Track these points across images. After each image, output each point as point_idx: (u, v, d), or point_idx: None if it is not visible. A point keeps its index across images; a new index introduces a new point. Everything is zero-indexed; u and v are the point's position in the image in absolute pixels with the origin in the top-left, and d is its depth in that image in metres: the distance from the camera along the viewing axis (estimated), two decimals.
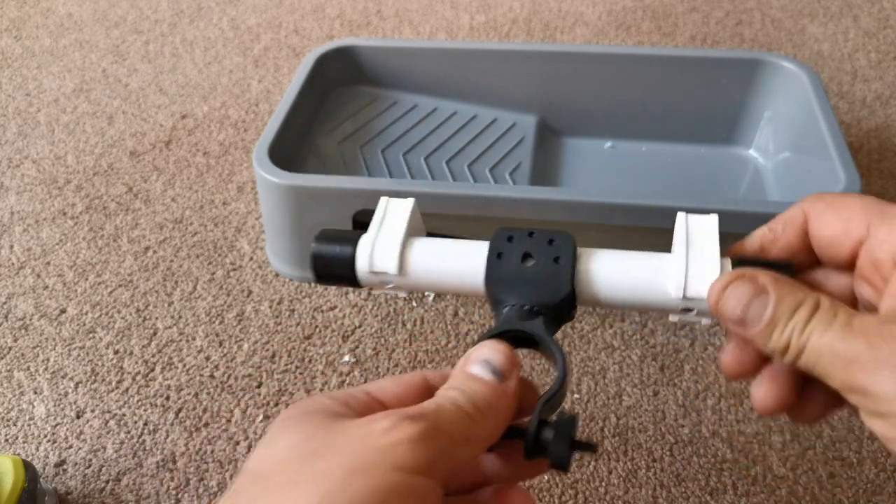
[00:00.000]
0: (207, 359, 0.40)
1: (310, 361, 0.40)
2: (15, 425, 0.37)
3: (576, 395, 0.38)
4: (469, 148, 0.50)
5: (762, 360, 0.22)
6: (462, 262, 0.24)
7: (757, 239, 0.23)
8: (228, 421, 0.37)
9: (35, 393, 0.39)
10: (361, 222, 0.38)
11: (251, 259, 0.46)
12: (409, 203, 0.26)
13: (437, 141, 0.50)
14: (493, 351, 0.21)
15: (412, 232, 0.25)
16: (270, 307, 0.43)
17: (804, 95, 0.44)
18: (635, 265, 0.23)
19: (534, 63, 0.49)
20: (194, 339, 0.41)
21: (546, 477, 0.35)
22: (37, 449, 0.36)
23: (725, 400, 0.38)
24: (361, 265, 0.24)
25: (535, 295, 0.23)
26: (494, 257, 0.24)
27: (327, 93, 0.53)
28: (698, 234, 0.23)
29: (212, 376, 0.39)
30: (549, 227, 0.24)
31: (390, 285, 0.25)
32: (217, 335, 0.41)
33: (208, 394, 0.38)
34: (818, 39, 0.70)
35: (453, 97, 0.53)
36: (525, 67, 0.50)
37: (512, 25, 0.73)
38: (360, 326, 0.42)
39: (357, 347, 0.41)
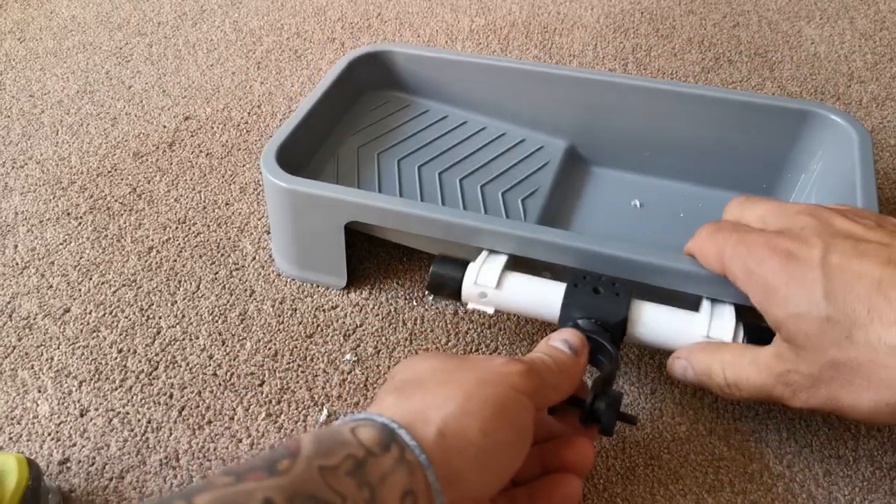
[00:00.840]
0: (210, 357, 0.41)
1: (312, 360, 0.40)
2: (19, 423, 0.38)
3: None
4: (489, 166, 0.48)
5: None
6: (546, 289, 0.34)
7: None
8: (231, 419, 0.37)
9: (39, 391, 0.39)
10: (354, 232, 0.40)
11: (254, 259, 0.47)
12: (504, 256, 0.36)
13: (457, 155, 0.49)
14: (570, 333, 0.30)
15: (506, 268, 0.36)
16: (273, 306, 0.43)
17: (851, 154, 0.41)
18: (674, 314, 0.33)
19: (572, 88, 0.48)
20: (197, 337, 0.42)
21: None
22: (41, 447, 0.36)
23: (722, 398, 0.38)
24: (469, 278, 0.35)
25: (600, 313, 0.32)
26: (572, 286, 0.33)
27: (358, 94, 0.52)
28: (720, 307, 0.33)
29: (215, 375, 0.40)
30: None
31: (485, 298, 0.35)
32: (220, 334, 0.42)
33: (211, 392, 0.39)
34: (814, 41, 0.71)
35: (485, 112, 0.52)
36: (562, 91, 0.48)
37: (511, 28, 0.73)
38: (361, 325, 0.42)
39: (358, 346, 0.41)
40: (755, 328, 0.31)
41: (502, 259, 0.36)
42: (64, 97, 0.64)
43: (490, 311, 0.35)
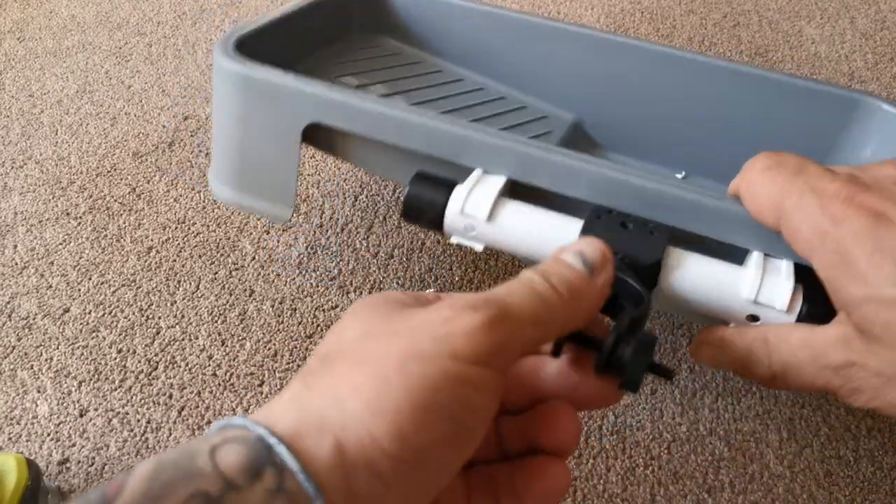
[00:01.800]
0: (210, 358, 0.41)
1: None
2: (18, 424, 0.37)
3: None
4: (482, 123, 0.41)
5: None
6: (555, 223, 0.26)
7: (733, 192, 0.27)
8: None
9: (38, 392, 0.39)
10: (311, 137, 0.33)
11: (253, 259, 0.47)
12: (502, 178, 0.28)
13: (448, 106, 0.43)
14: (589, 245, 0.20)
15: (503, 193, 0.27)
16: (272, 306, 0.43)
17: None
18: (717, 268, 0.25)
19: (588, 51, 0.41)
20: (197, 338, 0.42)
21: None
22: (40, 447, 0.36)
23: (723, 398, 0.38)
24: (454, 206, 0.26)
25: (629, 248, 0.24)
26: (594, 217, 0.25)
27: (345, 29, 0.46)
28: (776, 263, 0.25)
29: (214, 375, 0.40)
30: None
31: (473, 233, 0.26)
32: (219, 334, 0.42)
33: (211, 392, 0.39)
34: (815, 41, 0.71)
35: (485, 72, 0.45)
36: (576, 54, 0.41)
37: None
38: None
39: None
40: (819, 296, 0.22)
41: (498, 182, 0.27)
42: (63, 97, 0.64)
43: (479, 247, 0.27)
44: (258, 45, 0.35)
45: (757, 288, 0.23)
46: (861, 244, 0.19)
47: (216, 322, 0.43)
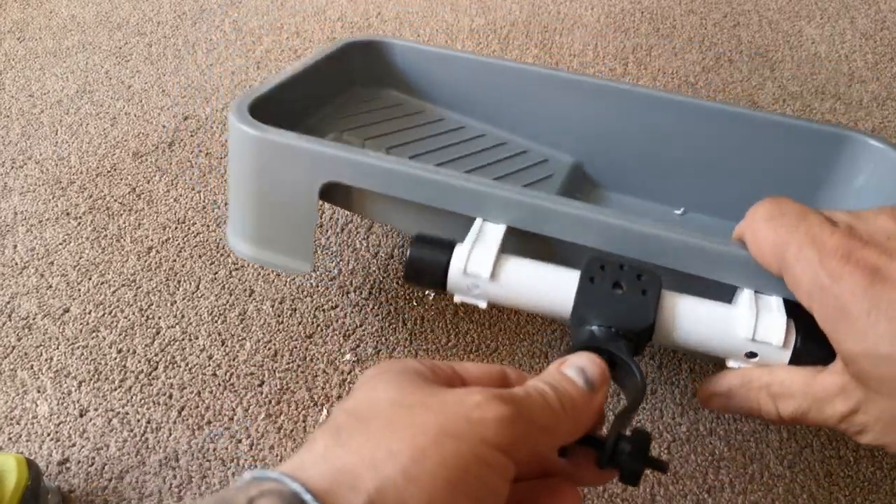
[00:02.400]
0: (210, 357, 0.41)
1: (311, 360, 0.40)
2: (18, 424, 0.37)
3: None
4: (484, 171, 0.43)
5: None
6: (553, 279, 0.27)
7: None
8: (231, 419, 0.37)
9: (38, 392, 0.39)
10: (329, 195, 0.34)
11: None
12: (502, 227, 0.29)
13: (450, 155, 0.43)
14: (590, 362, 0.22)
15: (502, 250, 0.28)
16: (272, 306, 0.43)
17: (892, 179, 0.38)
18: (712, 311, 0.25)
19: (584, 97, 0.43)
20: (197, 338, 0.42)
21: None
22: (40, 447, 0.36)
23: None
24: (456, 267, 0.27)
25: (622, 320, 0.25)
26: (587, 280, 0.26)
27: (348, 84, 0.47)
28: (766, 300, 0.26)
29: (214, 375, 0.40)
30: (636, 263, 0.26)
31: (476, 291, 0.27)
32: (219, 334, 0.42)
33: (211, 392, 0.39)
34: (815, 41, 0.71)
35: (485, 118, 0.47)
36: (573, 100, 0.43)
37: (511, 28, 0.73)
38: (360, 325, 0.42)
39: (358, 346, 0.41)
40: (812, 329, 0.23)
41: (497, 238, 0.28)
42: (63, 97, 0.64)
43: (482, 304, 0.28)
44: (269, 107, 0.37)
45: (753, 327, 0.24)
46: (858, 302, 0.20)
47: (216, 322, 0.43)
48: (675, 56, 0.68)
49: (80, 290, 0.45)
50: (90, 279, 0.46)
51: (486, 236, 0.28)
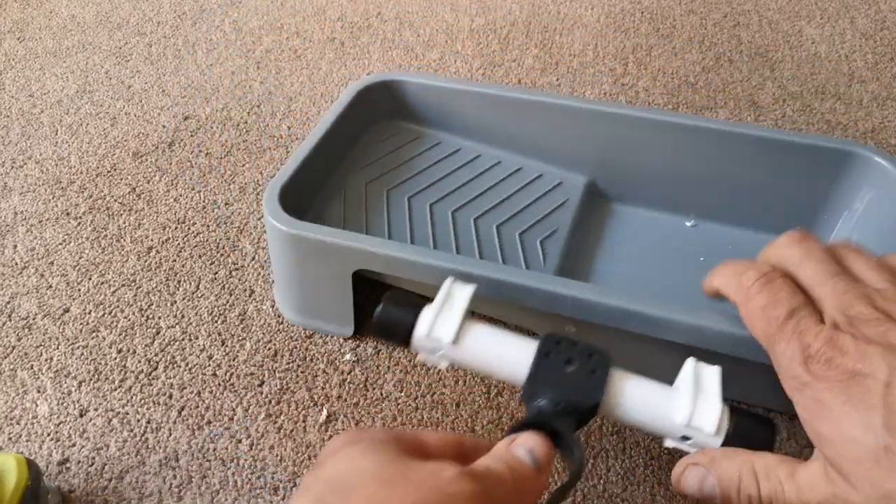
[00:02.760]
0: (210, 357, 0.41)
1: (311, 360, 0.40)
2: (18, 424, 0.37)
3: None
4: (504, 205, 0.45)
5: None
6: (511, 350, 0.28)
7: (708, 291, 0.29)
8: (231, 419, 0.37)
9: (38, 392, 0.39)
10: (364, 278, 0.39)
11: (253, 259, 0.47)
12: (470, 288, 0.30)
13: (471, 192, 0.46)
14: (538, 444, 0.24)
15: (467, 314, 0.29)
16: (272, 306, 0.43)
17: (893, 192, 0.39)
18: (653, 394, 0.27)
19: (593, 122, 0.45)
20: (197, 338, 0.42)
21: None
22: (40, 447, 0.36)
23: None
24: (421, 329, 0.29)
25: (571, 396, 0.26)
26: (542, 355, 0.27)
27: (366, 126, 0.50)
28: (705, 380, 0.27)
29: (214, 375, 0.40)
30: (587, 339, 0.28)
31: (439, 353, 0.29)
32: (219, 334, 0.42)
33: (211, 392, 0.39)
34: (815, 41, 0.71)
35: (500, 145, 0.49)
36: (582, 125, 0.46)
37: (511, 28, 0.73)
38: (361, 325, 0.42)
39: (358, 347, 0.41)
40: (745, 418, 0.26)
41: (463, 302, 0.29)
42: (63, 97, 0.64)
43: (443, 366, 0.29)
44: (298, 186, 0.41)
45: (689, 414, 0.26)
46: (835, 397, 0.23)
47: (216, 322, 0.43)
48: (675, 56, 0.68)
49: (80, 290, 0.45)
50: (90, 279, 0.46)
51: (454, 299, 0.30)
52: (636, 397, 0.27)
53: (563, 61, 0.68)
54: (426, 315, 0.29)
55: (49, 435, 0.37)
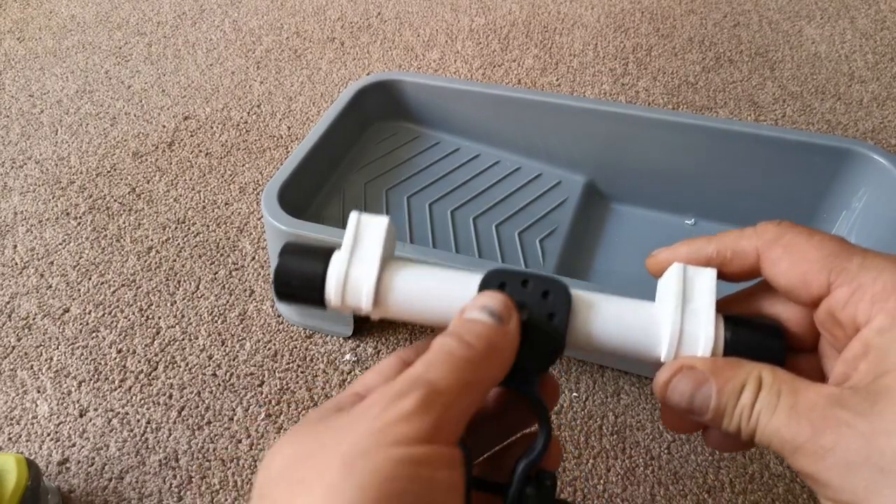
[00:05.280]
0: (210, 357, 0.40)
1: (311, 360, 0.40)
2: (18, 424, 0.37)
3: (574, 394, 0.38)
4: (504, 204, 0.45)
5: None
6: (445, 303, 0.22)
7: (702, 259, 0.23)
8: (231, 419, 0.37)
9: (38, 392, 0.39)
10: None
11: (253, 259, 0.47)
12: (383, 222, 0.23)
13: (470, 192, 0.46)
14: (490, 298, 0.20)
15: (388, 253, 0.23)
16: (272, 306, 0.43)
17: (893, 194, 0.39)
18: (631, 324, 0.22)
19: (591, 121, 0.45)
20: (197, 338, 0.42)
21: None
22: (40, 447, 0.36)
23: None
24: (333, 295, 0.22)
25: (527, 350, 0.21)
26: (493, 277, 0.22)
27: (365, 126, 0.50)
28: (694, 290, 0.22)
29: (214, 375, 0.40)
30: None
31: (363, 313, 0.23)
32: (219, 334, 0.42)
33: (210, 392, 0.39)
34: (815, 41, 0.71)
35: (499, 145, 0.49)
36: (581, 124, 0.45)
37: (511, 27, 0.73)
38: (361, 325, 0.42)
39: (358, 346, 0.41)
40: (745, 329, 0.21)
41: (378, 240, 0.22)
42: (63, 97, 0.63)
43: (374, 316, 0.23)
44: (297, 186, 0.41)
45: (674, 336, 0.21)
46: (706, 397, 0.20)
47: (216, 322, 0.42)
48: (676, 56, 0.68)
49: (79, 290, 0.45)
50: (90, 279, 0.46)
51: (366, 238, 0.23)
52: (608, 327, 0.22)
53: (563, 61, 0.68)
54: (335, 268, 0.22)
55: (49, 435, 0.37)
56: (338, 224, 0.43)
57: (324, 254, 0.23)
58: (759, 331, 0.21)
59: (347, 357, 0.40)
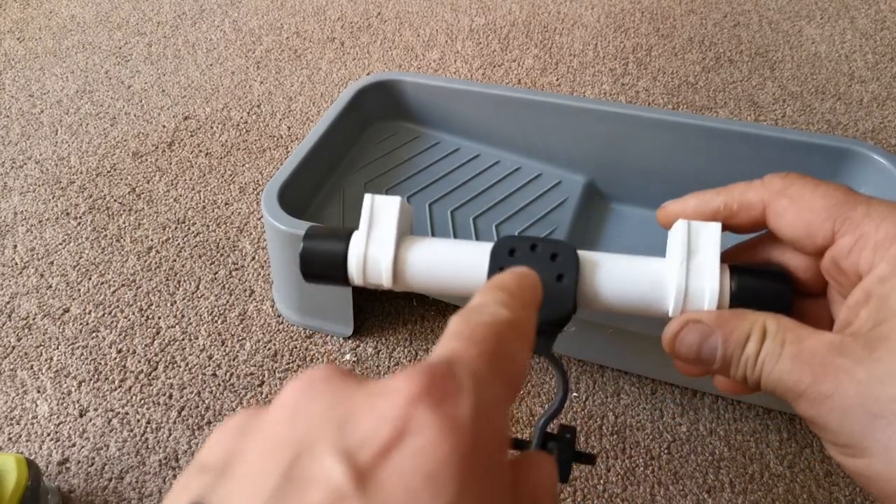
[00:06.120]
0: (210, 358, 0.40)
1: (311, 360, 0.40)
2: (18, 424, 0.37)
3: (574, 394, 0.38)
4: (504, 204, 0.45)
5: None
6: (461, 270, 0.24)
7: (709, 211, 0.23)
8: None
9: (38, 392, 0.39)
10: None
11: (253, 259, 0.47)
12: (396, 201, 0.25)
13: (470, 192, 0.46)
14: (515, 272, 0.19)
15: (403, 230, 0.25)
16: (272, 306, 0.43)
17: (893, 191, 0.39)
18: (637, 281, 0.23)
19: (591, 121, 0.45)
20: (197, 338, 0.42)
21: None
22: (40, 447, 0.36)
23: (723, 398, 0.38)
24: (355, 273, 0.24)
25: (541, 311, 0.21)
26: (496, 271, 0.23)
27: (365, 126, 0.50)
28: (699, 244, 0.23)
29: (214, 375, 0.40)
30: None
31: (384, 288, 0.25)
32: (219, 334, 0.42)
33: (210, 392, 0.39)
34: (815, 41, 0.71)
35: (499, 145, 0.49)
36: (581, 124, 0.46)
37: (511, 27, 0.73)
38: (361, 325, 0.42)
39: (358, 346, 0.41)
40: (751, 278, 0.21)
41: (391, 226, 0.24)
42: (63, 97, 0.63)
43: (393, 287, 0.25)
44: (297, 186, 0.41)
45: (680, 290, 0.21)
46: (713, 347, 0.20)
47: (216, 322, 0.42)
48: (676, 56, 0.68)
49: (79, 290, 0.45)
50: (90, 279, 0.46)
51: (382, 217, 0.24)
52: (616, 285, 0.23)
53: (563, 61, 0.68)
54: (355, 248, 0.24)
55: (49, 435, 0.37)
56: (337, 224, 0.43)
57: (344, 235, 0.24)
58: (764, 279, 0.22)
59: (347, 357, 0.40)
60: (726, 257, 0.23)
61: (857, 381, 0.17)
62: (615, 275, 0.23)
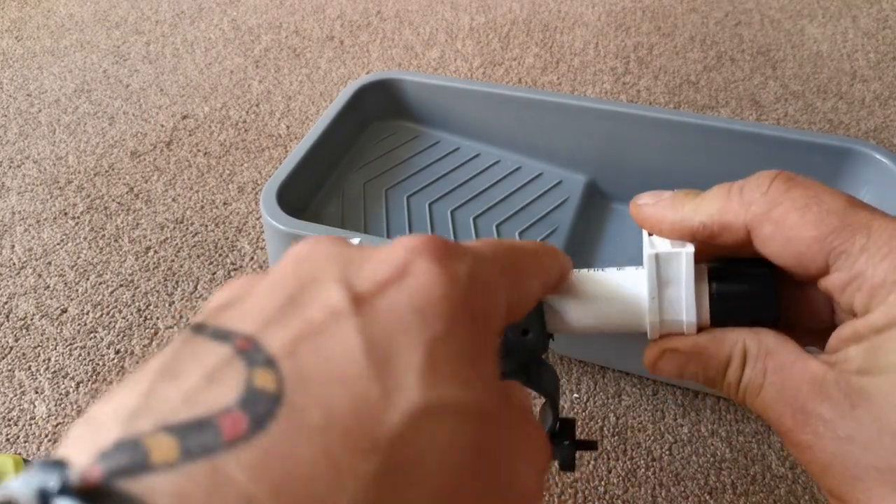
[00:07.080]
0: None
1: None
2: (16, 425, 0.37)
3: (575, 395, 0.38)
4: (504, 203, 0.45)
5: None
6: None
7: (687, 231, 0.22)
8: None
9: (36, 392, 0.39)
10: None
11: (252, 259, 0.46)
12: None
13: (470, 191, 0.46)
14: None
15: None
16: None
17: (893, 190, 0.39)
18: (610, 312, 0.21)
19: (592, 120, 0.45)
20: None
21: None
22: (38, 448, 0.36)
23: (724, 399, 0.38)
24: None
25: (514, 356, 0.21)
26: None
27: (364, 125, 0.50)
28: (669, 275, 0.21)
29: None
30: None
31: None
32: None
33: None
34: (817, 40, 0.70)
35: (499, 144, 0.49)
36: (582, 123, 0.45)
37: (511, 26, 0.73)
38: None
39: None
40: (731, 284, 0.20)
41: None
42: (61, 96, 0.63)
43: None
44: (296, 185, 0.40)
45: (656, 308, 0.20)
46: (695, 372, 0.20)
47: None
48: (677, 55, 0.68)
49: (77, 290, 0.45)
50: (88, 279, 0.45)
51: None
52: (590, 311, 0.21)
53: (563, 60, 0.67)
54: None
55: (47, 436, 0.37)
56: (337, 223, 0.43)
57: None
58: (747, 283, 0.20)
59: None
60: (711, 251, 0.21)
61: (837, 439, 0.17)
62: (588, 304, 0.22)
